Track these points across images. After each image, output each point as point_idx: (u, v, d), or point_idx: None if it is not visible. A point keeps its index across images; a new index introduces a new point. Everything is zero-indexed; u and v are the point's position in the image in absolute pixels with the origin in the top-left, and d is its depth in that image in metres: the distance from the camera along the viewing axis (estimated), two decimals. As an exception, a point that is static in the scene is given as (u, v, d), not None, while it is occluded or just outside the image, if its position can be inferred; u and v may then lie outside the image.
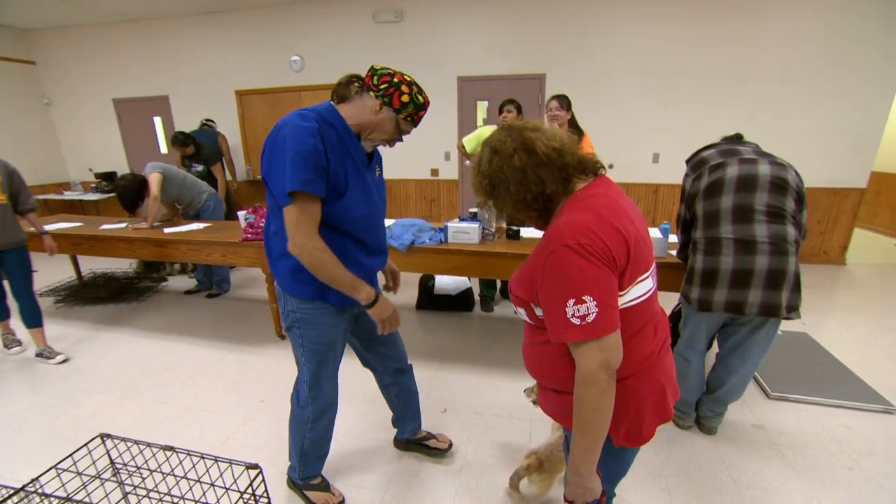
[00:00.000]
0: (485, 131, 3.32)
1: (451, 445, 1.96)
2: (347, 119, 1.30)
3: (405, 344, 1.81)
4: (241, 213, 3.03)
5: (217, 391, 2.47)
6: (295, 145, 1.17)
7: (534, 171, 0.92)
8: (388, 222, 2.89)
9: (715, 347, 2.06)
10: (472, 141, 3.33)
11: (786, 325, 2.93)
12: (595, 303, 0.82)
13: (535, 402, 1.78)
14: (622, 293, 0.88)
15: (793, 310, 1.67)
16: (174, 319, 3.48)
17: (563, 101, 2.96)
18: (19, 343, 2.93)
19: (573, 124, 3.06)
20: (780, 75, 4.19)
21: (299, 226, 1.21)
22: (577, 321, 0.82)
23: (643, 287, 0.92)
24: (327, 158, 1.22)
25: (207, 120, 5.11)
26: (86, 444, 1.12)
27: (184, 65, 5.72)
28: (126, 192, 3.41)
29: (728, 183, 1.75)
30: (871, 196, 5.71)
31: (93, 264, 4.69)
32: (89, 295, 3.93)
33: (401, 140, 1.39)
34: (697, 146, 1.96)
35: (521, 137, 0.94)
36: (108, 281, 4.27)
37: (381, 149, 1.44)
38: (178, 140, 4.10)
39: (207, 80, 5.68)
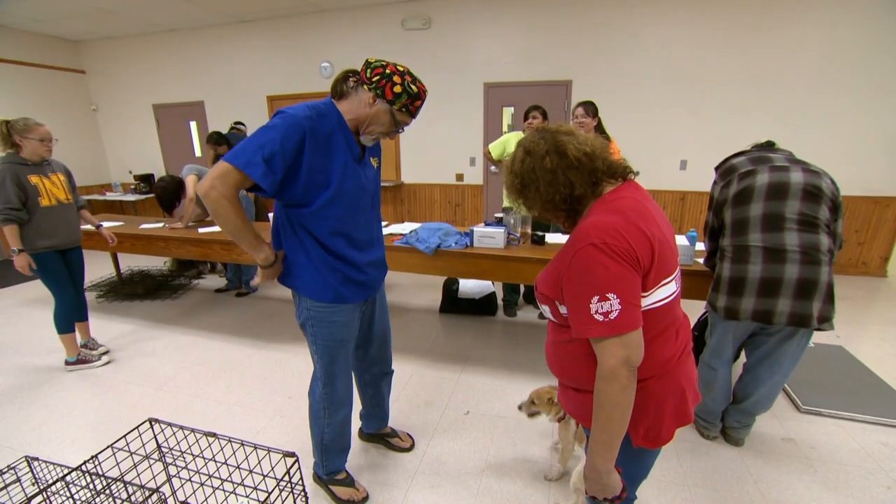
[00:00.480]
0: (510, 138, 3.35)
1: (413, 445, 2.04)
2: (345, 115, 1.33)
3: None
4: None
5: (246, 387, 2.56)
6: (269, 126, 1.21)
7: (564, 173, 0.95)
8: (413, 226, 2.95)
9: (743, 357, 2.02)
10: (497, 147, 3.36)
11: (820, 338, 2.86)
12: (619, 300, 0.84)
13: (529, 416, 1.83)
14: (645, 295, 0.90)
15: (825, 321, 1.64)
16: (205, 316, 3.62)
17: (590, 108, 2.97)
18: (99, 345, 3.02)
19: (599, 130, 3.06)
20: (815, 80, 4.08)
21: (221, 177, 1.19)
22: (600, 317, 0.85)
23: (666, 290, 0.94)
24: (301, 149, 1.23)
25: (237, 123, 5.29)
26: (136, 428, 1.21)
27: (218, 71, 5.96)
28: (164, 194, 3.58)
29: (758, 191, 1.73)
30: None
31: (130, 262, 4.92)
32: (127, 291, 4.13)
33: (400, 132, 1.40)
34: (726, 154, 1.94)
35: (553, 140, 0.97)
36: (144, 278, 4.47)
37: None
38: (213, 139, 4.27)
39: (240, 86, 5.90)
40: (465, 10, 4.83)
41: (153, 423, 1.22)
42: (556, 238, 2.82)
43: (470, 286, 3.59)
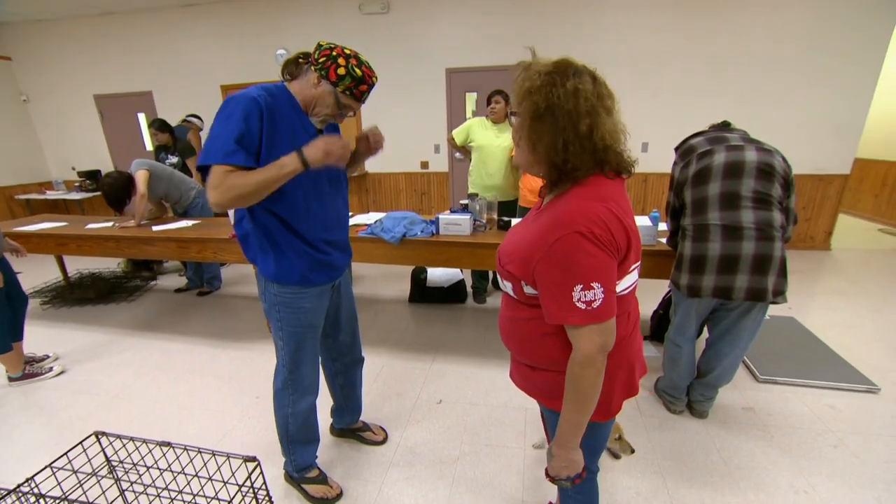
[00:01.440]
0: (473, 123, 3.31)
1: (386, 438, 2.01)
2: (297, 95, 1.34)
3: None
4: (231, 211, 3.00)
5: (211, 388, 2.46)
6: (227, 113, 1.21)
7: (582, 145, 0.87)
8: (379, 216, 2.88)
9: (705, 333, 2.09)
10: (461, 133, 3.32)
11: (773, 310, 3.00)
12: (602, 289, 0.85)
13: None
14: (617, 282, 0.91)
15: (779, 294, 1.70)
16: (165, 318, 3.45)
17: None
18: (46, 356, 2.82)
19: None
20: (767, 63, 4.24)
21: (217, 183, 1.19)
22: (582, 305, 0.85)
23: (631, 278, 0.97)
24: (262, 127, 1.23)
25: (190, 115, 5.01)
26: (80, 443, 1.12)
27: (166, 59, 5.61)
28: (112, 190, 3.36)
29: (715, 170, 1.77)
30: (855, 182, 5.81)
31: (79, 264, 4.62)
32: (77, 296, 3.88)
33: (347, 115, 1.39)
34: (686, 135, 1.98)
35: (597, 108, 0.86)
36: (95, 281, 4.21)
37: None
38: (156, 125, 4.09)
39: (191, 75, 5.58)
40: (425, -7, 4.72)
41: (100, 436, 1.14)
42: (522, 223, 2.81)
43: (438, 275, 3.56)
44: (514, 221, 2.81)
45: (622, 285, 0.93)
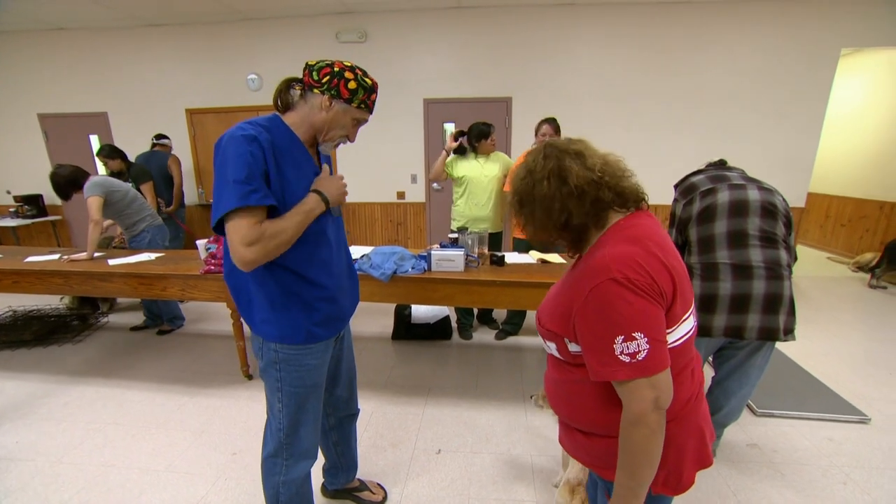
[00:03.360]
0: (456, 158, 3.28)
1: (385, 497, 1.84)
2: (297, 127, 1.22)
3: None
4: (201, 243, 2.77)
5: (179, 446, 2.18)
6: (223, 159, 1.09)
7: (561, 201, 0.89)
8: (365, 250, 2.75)
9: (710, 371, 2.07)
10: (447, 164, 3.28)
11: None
12: (646, 339, 0.79)
13: (541, 406, 1.73)
14: (668, 332, 0.85)
15: (789, 332, 1.71)
16: (120, 362, 3.08)
17: (553, 125, 2.97)
18: None
19: None
20: (728, 101, 4.51)
21: (240, 237, 1.07)
22: (626, 359, 0.79)
23: (685, 327, 0.90)
24: (267, 162, 1.12)
25: (160, 136, 4.68)
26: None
27: (126, 80, 5.29)
28: (60, 179, 3.01)
29: (720, 208, 1.79)
30: (803, 214, 6.25)
31: (12, 300, 4.12)
32: (9, 338, 3.42)
33: (362, 125, 1.32)
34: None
35: (557, 163, 0.90)
36: (31, 321, 3.75)
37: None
38: (104, 152, 3.82)
39: (153, 98, 5.28)
40: (403, 24, 4.74)
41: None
42: (515, 258, 2.77)
43: (423, 310, 3.44)
44: (508, 256, 2.76)
45: (675, 335, 0.86)
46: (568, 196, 0.88)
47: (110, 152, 3.83)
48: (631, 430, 0.82)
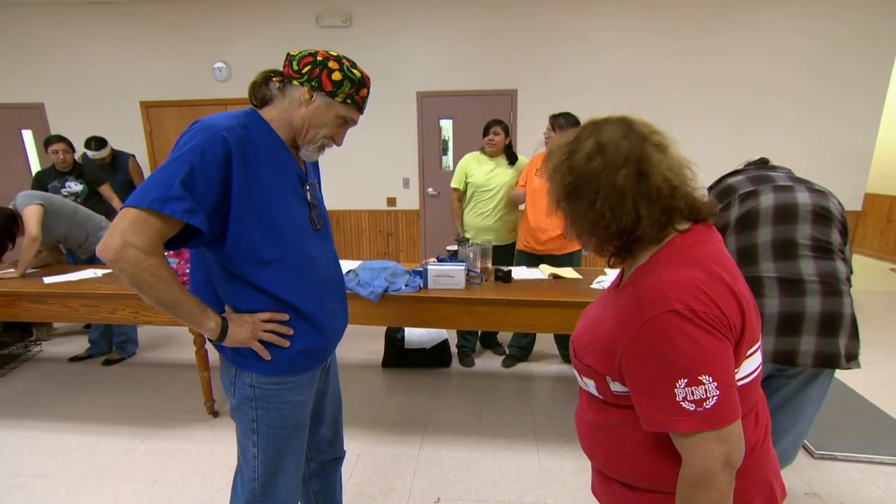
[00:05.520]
0: (469, 160, 3.31)
1: None
2: (276, 124, 1.21)
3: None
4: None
5: (125, 501, 2.12)
6: (177, 149, 1.07)
7: (634, 199, 0.83)
8: (352, 265, 2.73)
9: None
10: (460, 180, 3.33)
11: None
12: (715, 384, 0.75)
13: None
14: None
15: (852, 358, 1.68)
16: (54, 400, 3.03)
17: (561, 122, 2.97)
18: None
19: None
20: (768, 91, 4.55)
21: (135, 227, 1.01)
22: (690, 406, 0.75)
23: (753, 363, 0.87)
24: (227, 175, 1.09)
25: (100, 142, 4.57)
26: None
27: (66, 67, 5.28)
28: None
29: (764, 213, 1.77)
30: (859, 218, 6.27)
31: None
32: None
33: (350, 126, 1.31)
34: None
35: (640, 149, 0.84)
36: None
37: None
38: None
39: (100, 87, 5.29)
40: (393, 5, 4.80)
41: None
42: (523, 273, 2.75)
43: (418, 334, 3.44)
44: (515, 271, 2.75)
45: (740, 373, 0.83)
46: (643, 196, 0.83)
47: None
48: (693, 493, 0.78)
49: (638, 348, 0.80)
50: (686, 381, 0.75)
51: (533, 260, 3.11)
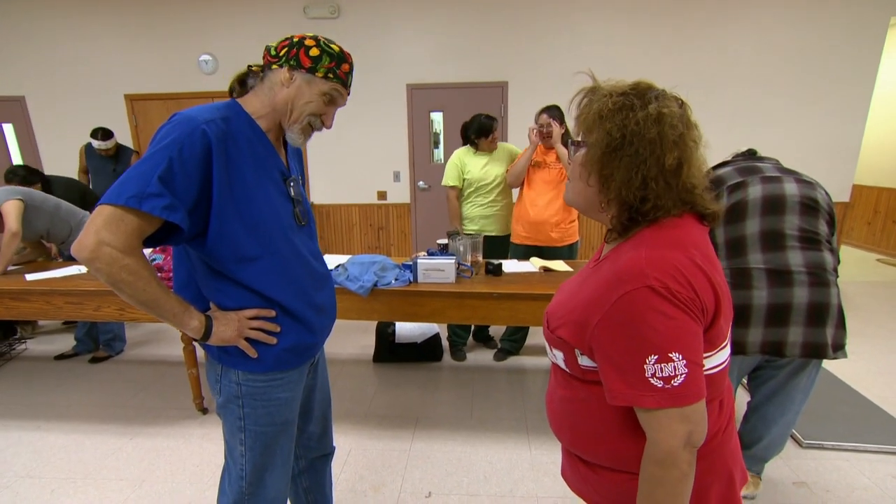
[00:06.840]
0: (461, 157, 3.31)
1: None
2: (259, 114, 1.19)
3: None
4: (145, 253, 2.71)
5: (112, 500, 2.10)
6: (154, 144, 1.05)
7: (665, 183, 0.82)
8: (341, 259, 2.72)
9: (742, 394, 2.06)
10: (454, 178, 3.31)
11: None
12: (684, 362, 0.76)
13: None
14: (706, 356, 0.83)
15: (839, 348, 1.70)
16: (39, 399, 2.99)
17: (556, 114, 3.00)
18: None
19: (567, 141, 3.11)
20: (757, 83, 4.57)
21: (110, 224, 0.99)
22: (658, 383, 0.77)
23: (722, 356, 0.89)
24: (207, 172, 1.07)
25: (106, 133, 4.57)
26: None
27: (48, 58, 5.20)
28: None
29: (752, 205, 1.78)
30: (847, 209, 6.33)
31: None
32: None
33: (333, 113, 1.28)
34: None
35: (685, 140, 0.84)
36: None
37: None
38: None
39: (84, 80, 5.22)
40: (382, -3, 4.76)
41: None
42: (513, 266, 2.75)
43: (409, 328, 3.43)
44: (506, 264, 2.74)
45: (710, 363, 0.85)
46: (670, 185, 0.82)
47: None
48: (656, 471, 0.79)
49: (611, 322, 0.80)
50: (656, 357, 0.76)
51: (532, 252, 3.11)
